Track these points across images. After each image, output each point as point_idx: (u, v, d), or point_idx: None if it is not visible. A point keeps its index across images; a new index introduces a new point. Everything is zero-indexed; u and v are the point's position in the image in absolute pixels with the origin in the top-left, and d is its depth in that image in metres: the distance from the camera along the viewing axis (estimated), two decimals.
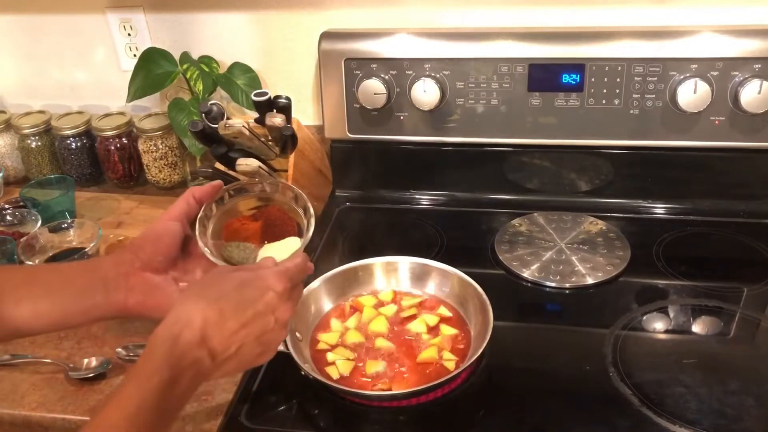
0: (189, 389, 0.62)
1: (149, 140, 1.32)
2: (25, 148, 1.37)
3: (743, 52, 1.07)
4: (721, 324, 0.95)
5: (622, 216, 1.18)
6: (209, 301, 0.63)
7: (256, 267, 0.71)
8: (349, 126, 1.23)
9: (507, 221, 1.18)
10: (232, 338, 0.63)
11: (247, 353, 0.65)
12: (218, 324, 0.62)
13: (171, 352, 0.60)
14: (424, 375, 0.85)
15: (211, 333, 0.62)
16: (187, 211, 0.78)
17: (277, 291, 0.66)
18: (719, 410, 0.80)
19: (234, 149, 1.03)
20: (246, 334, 0.64)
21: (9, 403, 0.88)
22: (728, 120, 1.11)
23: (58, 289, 0.70)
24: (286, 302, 0.68)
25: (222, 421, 0.83)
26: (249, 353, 0.65)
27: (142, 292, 0.71)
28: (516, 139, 1.19)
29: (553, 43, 1.13)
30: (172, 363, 0.60)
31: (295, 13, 1.26)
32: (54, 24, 1.37)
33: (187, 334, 0.61)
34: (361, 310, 0.96)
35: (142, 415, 0.57)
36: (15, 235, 1.13)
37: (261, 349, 0.66)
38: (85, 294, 0.70)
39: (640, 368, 0.86)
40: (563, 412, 0.81)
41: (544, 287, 1.03)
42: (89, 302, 0.70)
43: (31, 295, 0.70)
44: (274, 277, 0.67)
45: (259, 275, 0.67)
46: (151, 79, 1.26)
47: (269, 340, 0.67)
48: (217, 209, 0.82)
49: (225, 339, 0.63)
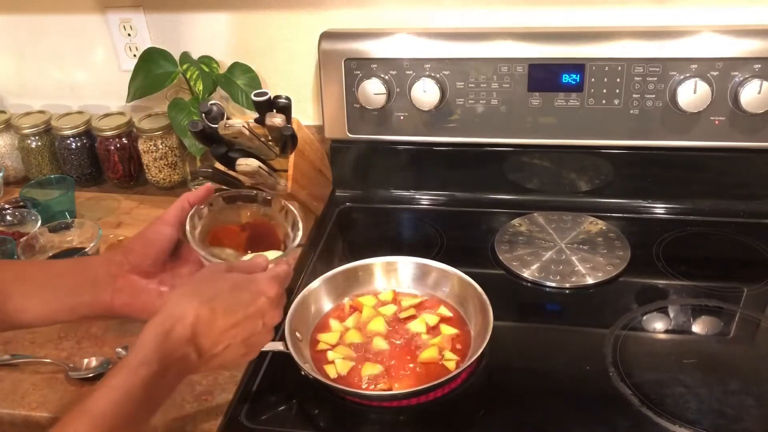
0: (174, 382, 0.64)
1: (149, 140, 1.32)
2: (25, 148, 1.37)
3: (743, 52, 1.07)
4: (721, 324, 0.95)
5: (622, 216, 1.18)
6: (203, 300, 0.64)
7: (250, 268, 0.71)
8: (349, 126, 1.23)
9: (507, 221, 1.18)
10: (221, 338, 0.65)
11: (232, 353, 0.67)
12: (209, 323, 0.64)
13: (162, 345, 0.62)
14: (424, 375, 0.85)
15: (201, 331, 0.63)
16: (180, 216, 0.79)
17: (269, 296, 0.68)
18: (719, 410, 0.80)
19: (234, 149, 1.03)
20: (234, 335, 0.66)
21: (9, 403, 0.88)
22: (728, 120, 1.11)
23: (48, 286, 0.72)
24: (276, 308, 0.69)
25: (222, 421, 0.83)
26: (234, 353, 0.67)
27: (128, 294, 0.73)
28: (516, 139, 1.19)
29: (553, 43, 1.13)
30: (162, 356, 0.61)
31: (295, 13, 1.26)
32: (54, 24, 1.37)
33: (178, 330, 0.63)
34: (360, 310, 0.96)
35: (129, 403, 0.59)
36: (15, 235, 1.13)
37: (246, 350, 0.68)
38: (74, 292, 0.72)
39: (640, 368, 0.86)
40: (563, 412, 0.81)
41: (544, 287, 1.03)
42: (77, 301, 0.72)
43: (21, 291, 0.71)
44: (267, 283, 0.69)
45: (254, 279, 0.69)
46: (151, 79, 1.26)
47: (255, 342, 0.68)
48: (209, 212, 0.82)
49: (214, 338, 0.64)
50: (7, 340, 0.98)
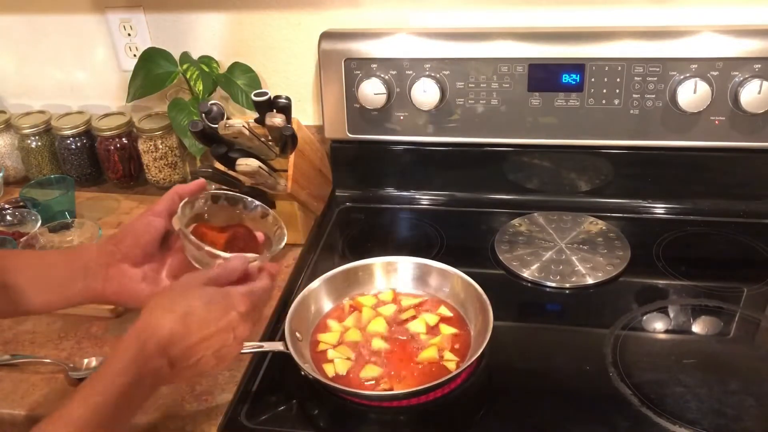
0: (149, 392, 0.68)
1: (149, 140, 1.32)
2: (25, 148, 1.37)
3: (743, 52, 1.07)
4: (721, 324, 0.95)
5: (622, 216, 1.18)
6: (177, 315, 0.67)
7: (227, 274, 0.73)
8: (349, 126, 1.23)
9: (507, 221, 1.18)
10: (193, 350, 0.68)
11: (204, 364, 0.70)
12: (182, 337, 0.67)
13: (137, 356, 0.65)
14: (424, 375, 0.85)
15: (174, 344, 0.67)
16: (170, 208, 0.81)
17: (240, 312, 0.71)
18: (719, 410, 0.80)
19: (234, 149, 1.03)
20: (206, 348, 0.69)
21: (9, 403, 0.88)
22: (728, 120, 1.11)
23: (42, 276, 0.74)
24: (246, 322, 0.72)
25: (222, 421, 0.83)
26: (206, 364, 0.70)
27: (119, 282, 0.75)
28: (516, 139, 1.19)
29: (553, 43, 1.13)
30: (137, 367, 0.65)
31: (295, 13, 1.26)
32: (54, 24, 1.37)
33: (152, 342, 0.66)
34: (360, 310, 0.96)
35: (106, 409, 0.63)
36: (15, 235, 1.13)
37: (216, 361, 0.71)
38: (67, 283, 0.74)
39: (640, 368, 0.86)
40: (563, 412, 0.81)
41: (544, 287, 1.03)
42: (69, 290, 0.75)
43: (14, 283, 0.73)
44: (239, 298, 0.72)
45: (227, 293, 0.71)
46: (151, 79, 1.26)
47: (225, 354, 0.71)
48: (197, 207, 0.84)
49: (186, 351, 0.67)
50: (7, 340, 0.98)
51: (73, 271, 0.75)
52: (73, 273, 0.75)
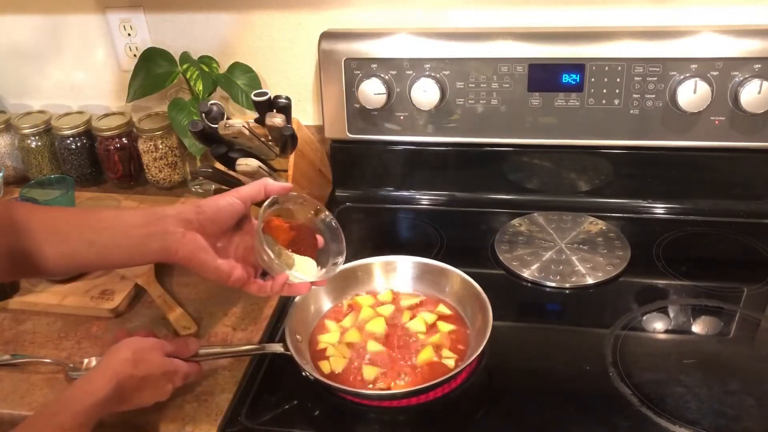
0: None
1: (149, 140, 1.32)
2: (25, 148, 1.37)
3: (743, 52, 1.07)
4: (721, 324, 0.95)
5: (622, 216, 1.18)
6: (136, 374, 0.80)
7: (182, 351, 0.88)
8: (349, 126, 1.23)
9: (507, 221, 1.18)
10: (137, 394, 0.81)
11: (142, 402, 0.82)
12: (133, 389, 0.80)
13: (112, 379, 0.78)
14: (423, 374, 0.85)
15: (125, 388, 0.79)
16: (255, 197, 0.85)
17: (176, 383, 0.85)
18: (719, 410, 0.80)
19: (234, 149, 1.04)
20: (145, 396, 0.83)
21: (9, 403, 0.88)
22: (728, 120, 1.11)
23: (122, 237, 0.78)
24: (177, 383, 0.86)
25: (222, 421, 0.83)
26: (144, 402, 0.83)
27: (191, 249, 0.79)
28: (516, 139, 1.19)
29: (553, 43, 1.13)
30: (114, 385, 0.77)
31: (295, 13, 1.26)
32: (54, 24, 1.37)
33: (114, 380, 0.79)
34: (358, 310, 0.96)
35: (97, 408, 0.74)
36: None
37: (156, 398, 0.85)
38: (146, 241, 0.78)
39: (640, 368, 0.86)
40: (563, 412, 0.81)
41: (544, 287, 1.03)
42: (148, 248, 0.78)
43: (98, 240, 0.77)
44: (181, 376, 0.85)
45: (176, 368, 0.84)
46: (151, 79, 1.26)
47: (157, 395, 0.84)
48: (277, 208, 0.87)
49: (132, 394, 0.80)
50: (8, 340, 0.99)
51: (151, 233, 0.78)
52: (150, 235, 0.78)
